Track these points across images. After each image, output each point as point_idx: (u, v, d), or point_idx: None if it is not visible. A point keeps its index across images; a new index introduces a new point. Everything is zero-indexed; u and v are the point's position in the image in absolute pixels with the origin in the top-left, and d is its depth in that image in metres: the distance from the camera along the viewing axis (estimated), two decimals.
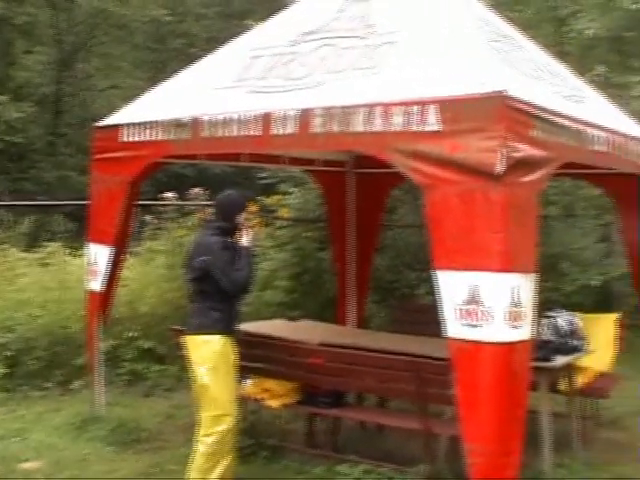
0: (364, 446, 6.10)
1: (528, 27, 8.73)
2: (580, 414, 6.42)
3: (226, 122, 5.46)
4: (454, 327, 4.28)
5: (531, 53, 6.09)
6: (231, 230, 5.21)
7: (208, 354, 5.06)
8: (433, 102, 4.46)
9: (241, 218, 5.28)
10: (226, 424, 5.03)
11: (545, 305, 6.16)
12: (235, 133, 5.41)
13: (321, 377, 5.85)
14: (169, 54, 24.22)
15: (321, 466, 5.69)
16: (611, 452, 6.30)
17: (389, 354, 5.57)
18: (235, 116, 5.41)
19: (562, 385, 6.21)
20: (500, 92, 4.28)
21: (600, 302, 10.32)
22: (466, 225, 4.23)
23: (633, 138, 6.22)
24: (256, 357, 6.10)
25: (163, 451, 6.24)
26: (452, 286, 4.27)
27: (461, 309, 4.24)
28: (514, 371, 4.30)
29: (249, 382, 6.28)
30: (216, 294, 5.09)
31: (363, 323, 8.34)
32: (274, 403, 6.15)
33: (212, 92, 5.87)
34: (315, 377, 5.89)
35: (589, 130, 5.34)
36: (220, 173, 20.06)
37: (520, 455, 4.32)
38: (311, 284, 9.90)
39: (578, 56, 11.86)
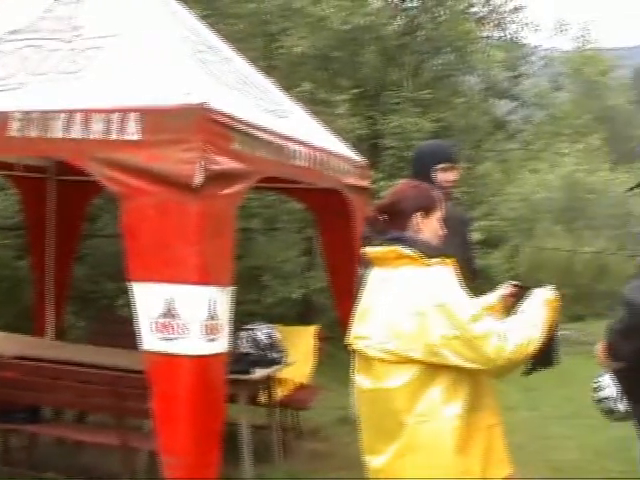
0: (62, 462, 6.03)
1: (239, 40, 9.01)
2: (281, 425, 6.72)
3: None
4: (150, 340, 4.34)
5: (237, 66, 6.27)
6: None
7: None
8: (134, 111, 4.49)
9: None
10: None
11: (246, 317, 6.38)
12: None
13: (16, 392, 5.69)
14: None
15: None
16: (313, 462, 6.66)
17: (87, 367, 5.54)
18: None
19: (262, 397, 6.46)
20: (201, 104, 4.41)
21: (301, 314, 10.88)
22: (162, 237, 4.31)
23: (335, 155, 6.57)
24: None
25: None
26: (148, 298, 4.33)
27: (157, 322, 4.31)
28: (211, 384, 4.44)
29: None
30: None
31: (62, 335, 8.16)
32: None
33: None
34: (9, 392, 5.69)
35: (291, 145, 5.57)
36: None
37: (218, 468, 4.46)
38: (8, 293, 9.54)
39: (286, 72, 12.38)
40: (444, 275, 3.07)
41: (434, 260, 3.08)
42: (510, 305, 3.45)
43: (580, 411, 8.29)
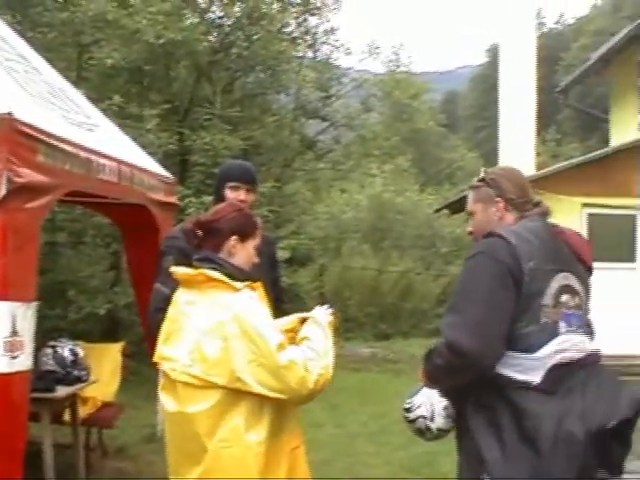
0: None
1: (50, 50, 8.89)
2: (85, 445, 6.71)
3: None
4: None
5: (47, 76, 6.22)
6: None
7: None
8: None
9: None
10: None
11: (51, 333, 6.31)
12: None
13: None
14: None
15: None
16: None
17: None
18: None
19: (66, 416, 6.42)
20: (6, 114, 4.34)
21: (107, 331, 10.80)
22: None
23: (143, 170, 6.61)
24: None
25: None
26: None
27: None
28: (12, 402, 4.37)
29: None
30: None
31: None
32: None
33: None
34: None
35: (98, 159, 5.56)
36: None
37: None
38: None
39: (97, 84, 12.31)
40: (251, 301, 3.10)
41: (242, 284, 3.11)
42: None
43: (386, 428, 8.72)
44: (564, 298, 3.03)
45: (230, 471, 2.99)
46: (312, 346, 3.15)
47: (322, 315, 3.38)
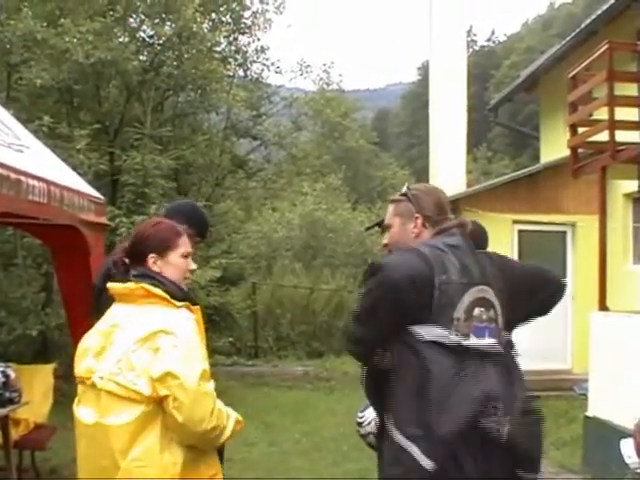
0: None
1: None
2: (18, 467, 6.72)
3: None
4: None
5: None
6: None
7: None
8: None
9: None
10: None
11: None
12: None
13: None
14: None
15: None
16: None
17: None
18: None
19: None
20: None
21: (38, 352, 10.75)
22: None
23: (73, 190, 6.59)
24: None
25: None
26: None
27: None
28: None
29: None
30: None
31: None
32: None
33: None
34: None
35: (28, 180, 5.55)
36: None
37: None
38: None
39: (27, 104, 12.29)
40: (188, 321, 3.12)
41: (182, 304, 3.15)
42: None
43: (319, 445, 8.89)
44: (477, 311, 3.06)
45: None
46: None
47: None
